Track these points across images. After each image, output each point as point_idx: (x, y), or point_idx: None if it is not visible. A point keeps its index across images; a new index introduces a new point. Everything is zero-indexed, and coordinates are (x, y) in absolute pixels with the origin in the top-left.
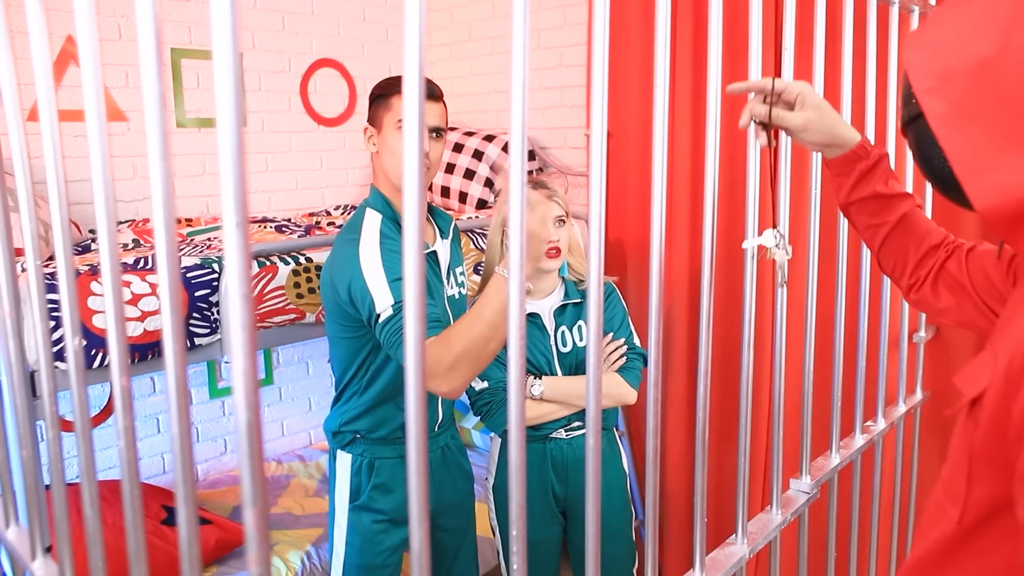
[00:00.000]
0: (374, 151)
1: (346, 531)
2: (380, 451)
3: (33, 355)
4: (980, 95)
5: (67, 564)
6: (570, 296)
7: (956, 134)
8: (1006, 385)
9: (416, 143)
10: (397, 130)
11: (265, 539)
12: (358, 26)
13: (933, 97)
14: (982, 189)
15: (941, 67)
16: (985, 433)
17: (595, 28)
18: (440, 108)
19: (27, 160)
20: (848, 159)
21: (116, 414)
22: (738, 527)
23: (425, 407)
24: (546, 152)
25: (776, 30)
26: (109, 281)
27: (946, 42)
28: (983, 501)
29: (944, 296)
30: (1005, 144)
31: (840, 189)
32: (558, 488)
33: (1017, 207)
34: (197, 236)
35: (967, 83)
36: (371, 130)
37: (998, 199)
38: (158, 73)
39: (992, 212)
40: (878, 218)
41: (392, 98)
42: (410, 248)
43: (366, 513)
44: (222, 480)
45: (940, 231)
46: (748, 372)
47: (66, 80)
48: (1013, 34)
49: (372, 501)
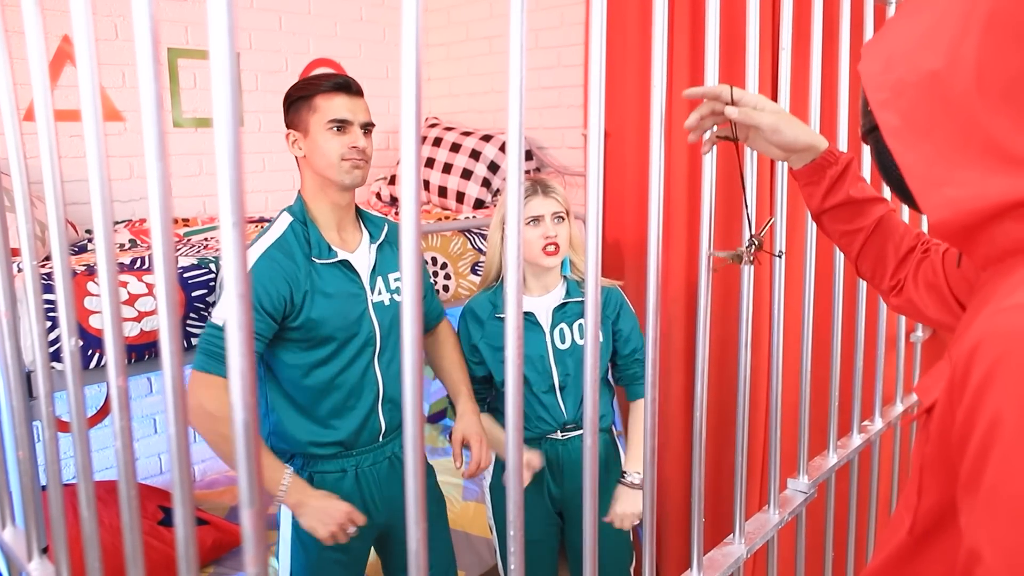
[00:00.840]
0: (300, 155)
1: (290, 544)
2: (319, 465)
3: (29, 355)
4: (931, 108)
5: (63, 565)
6: (572, 294)
7: (909, 149)
8: (951, 395)
9: (413, 143)
10: (327, 131)
11: (262, 539)
12: (355, 26)
13: (887, 110)
14: (935, 203)
15: (894, 79)
16: (934, 442)
17: (592, 28)
18: (365, 103)
19: (23, 160)
20: (818, 166)
21: (113, 414)
22: (736, 527)
23: (421, 408)
24: (543, 152)
25: (773, 29)
26: (106, 281)
27: (898, 53)
28: (931, 511)
29: (926, 296)
30: (955, 158)
31: (812, 198)
32: (554, 488)
33: (968, 219)
34: (194, 236)
35: (918, 96)
36: (295, 134)
37: (950, 212)
38: (155, 73)
39: (945, 225)
40: (854, 223)
41: (316, 98)
42: (408, 246)
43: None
44: (219, 480)
45: (913, 231)
46: (745, 372)
47: (62, 80)
48: (961, 46)
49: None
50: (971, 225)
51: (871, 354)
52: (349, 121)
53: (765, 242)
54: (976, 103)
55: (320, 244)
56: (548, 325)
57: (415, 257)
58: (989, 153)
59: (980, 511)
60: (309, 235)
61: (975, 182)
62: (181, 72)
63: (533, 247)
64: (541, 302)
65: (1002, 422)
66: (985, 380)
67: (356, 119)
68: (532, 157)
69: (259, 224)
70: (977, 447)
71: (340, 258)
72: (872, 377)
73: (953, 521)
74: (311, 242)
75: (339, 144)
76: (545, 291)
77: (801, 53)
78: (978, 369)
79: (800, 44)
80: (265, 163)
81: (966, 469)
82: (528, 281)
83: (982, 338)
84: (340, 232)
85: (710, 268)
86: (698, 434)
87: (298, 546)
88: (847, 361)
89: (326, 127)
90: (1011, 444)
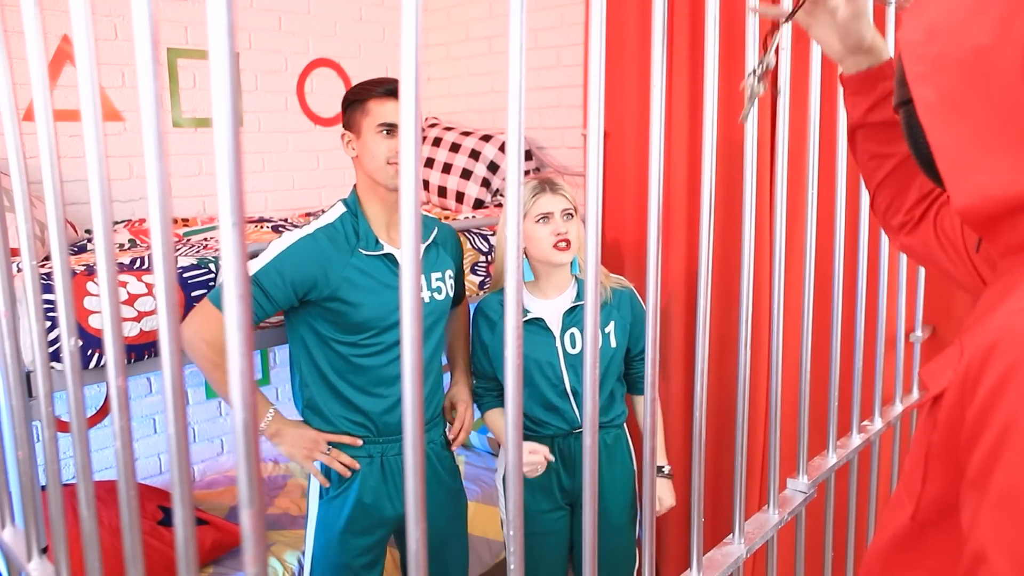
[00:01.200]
0: (354, 155)
1: (315, 527)
2: (349, 450)
3: (29, 355)
4: (972, 87)
5: (63, 565)
6: (582, 297)
7: (944, 128)
8: (962, 390)
9: (413, 143)
10: (377, 134)
11: (262, 540)
12: (355, 26)
13: (924, 85)
14: (963, 187)
15: (936, 52)
16: (941, 433)
17: (592, 28)
18: None
19: (23, 160)
20: (872, 75)
21: (112, 414)
22: (735, 527)
23: (422, 402)
24: (543, 152)
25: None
26: (105, 281)
27: (943, 24)
28: (935, 500)
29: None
30: (991, 142)
31: (855, 109)
32: (566, 481)
33: (994, 208)
34: (193, 236)
35: (960, 72)
36: (349, 135)
37: (977, 199)
38: (154, 73)
39: (970, 211)
40: (888, 147)
41: (369, 102)
42: (407, 246)
43: (334, 516)
44: (219, 481)
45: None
46: (745, 371)
47: (62, 80)
48: (1013, 22)
49: (340, 504)
50: (998, 214)
51: (871, 354)
52: (397, 125)
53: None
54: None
55: (368, 236)
56: (558, 330)
57: (414, 256)
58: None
59: (987, 513)
60: (359, 227)
61: (1008, 170)
62: (181, 72)
63: (544, 245)
64: (551, 306)
65: (1016, 426)
66: (1001, 382)
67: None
68: (532, 157)
69: (258, 224)
70: (988, 449)
71: (386, 251)
72: (872, 377)
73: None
74: (359, 234)
75: (387, 148)
76: (557, 292)
77: (801, 52)
78: (994, 370)
79: (800, 43)
80: (265, 163)
81: (974, 468)
82: (540, 282)
83: (1000, 337)
84: (389, 230)
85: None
86: (698, 433)
87: (322, 528)
88: (847, 361)
89: (376, 130)
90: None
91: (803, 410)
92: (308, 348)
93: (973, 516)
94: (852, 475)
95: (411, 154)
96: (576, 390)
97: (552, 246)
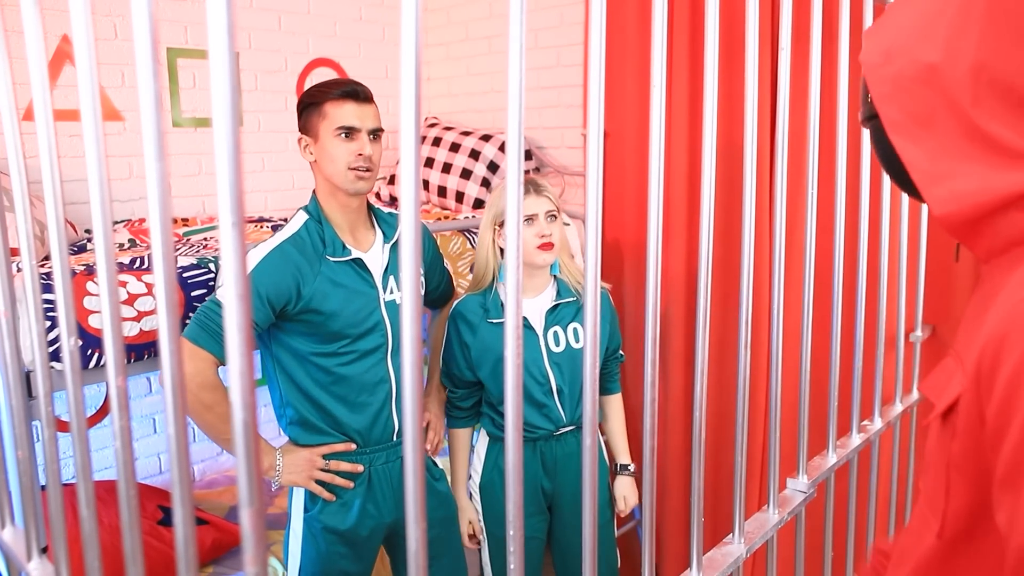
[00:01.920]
0: (312, 160)
1: (301, 538)
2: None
3: (29, 355)
4: (931, 102)
5: (63, 565)
6: (562, 295)
7: (912, 143)
8: (977, 390)
9: (412, 143)
10: (335, 137)
11: (262, 539)
12: (354, 26)
13: (888, 104)
14: (939, 197)
15: (894, 72)
16: (962, 440)
17: (592, 27)
18: (374, 109)
19: (23, 160)
20: None
21: (112, 414)
22: (735, 527)
23: (422, 408)
24: (543, 152)
25: (773, 29)
26: (105, 281)
27: (897, 44)
28: (962, 513)
29: None
30: (959, 152)
31: None
32: (546, 483)
33: (973, 212)
34: (193, 236)
35: (918, 90)
36: (306, 139)
37: (955, 206)
38: (154, 73)
39: (950, 218)
40: None
41: (325, 105)
42: (407, 246)
43: (320, 529)
44: (218, 480)
45: None
46: (745, 371)
47: (62, 79)
48: (960, 39)
49: (326, 517)
50: (977, 218)
51: (870, 354)
52: (357, 128)
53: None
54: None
55: (335, 242)
56: (541, 329)
57: (414, 257)
58: (991, 148)
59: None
60: (324, 233)
61: (980, 175)
62: (180, 72)
63: (528, 246)
64: (533, 305)
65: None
66: (1017, 372)
67: (364, 126)
68: (531, 157)
69: (258, 224)
70: (1016, 440)
71: (353, 256)
72: (871, 377)
73: (987, 520)
74: (325, 240)
75: (346, 151)
76: (536, 293)
77: (800, 53)
78: (1008, 361)
79: (799, 44)
80: (264, 163)
81: (1004, 464)
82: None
83: (1008, 329)
84: (353, 233)
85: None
86: (697, 434)
87: (309, 540)
88: (846, 360)
89: (334, 134)
90: None
91: (803, 410)
92: (285, 368)
93: (1012, 513)
94: (852, 475)
95: (411, 154)
96: (561, 388)
97: (536, 248)
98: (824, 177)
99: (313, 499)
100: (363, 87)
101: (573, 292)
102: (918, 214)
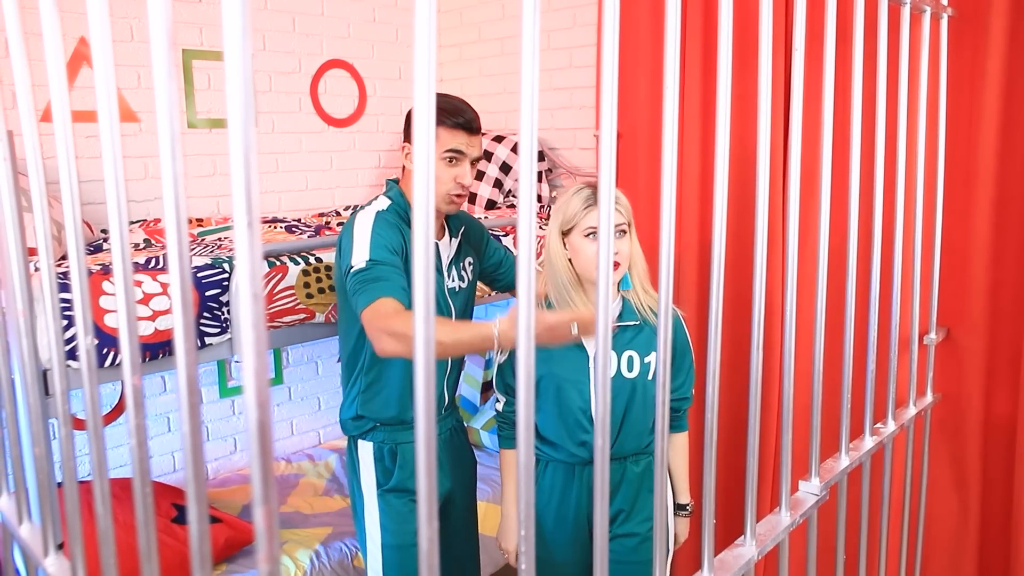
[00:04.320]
0: (410, 167)
1: (379, 516)
2: (401, 436)
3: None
4: None
5: (79, 561)
6: (625, 317)
7: None
8: None
9: (427, 145)
10: (440, 159)
11: (275, 537)
12: (368, 27)
13: None
14: None
15: None
16: None
17: (605, 29)
18: (480, 139)
19: (40, 160)
20: None
21: (127, 412)
22: (747, 528)
23: (434, 397)
24: (555, 153)
25: (786, 30)
26: (121, 281)
27: None
28: None
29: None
30: None
31: None
32: (588, 510)
33: None
34: (208, 236)
35: None
36: (409, 148)
37: None
38: (170, 74)
39: None
40: None
41: (439, 128)
42: (419, 242)
43: (397, 495)
44: (232, 479)
45: None
46: (757, 373)
47: (79, 81)
48: None
49: (403, 483)
50: None
51: (884, 356)
52: (463, 154)
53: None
54: None
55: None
56: (593, 350)
57: (426, 258)
58: None
59: None
60: (407, 218)
61: None
62: (196, 73)
63: (591, 262)
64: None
65: None
66: None
67: (469, 154)
68: (544, 158)
69: (272, 224)
70: None
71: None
72: (885, 379)
73: None
74: (408, 222)
75: (448, 176)
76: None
77: (814, 55)
78: None
79: (813, 45)
80: (278, 163)
81: None
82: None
83: None
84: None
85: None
86: (709, 435)
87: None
88: (860, 363)
89: (441, 155)
90: None
91: (815, 412)
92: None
93: None
94: (864, 478)
95: (426, 155)
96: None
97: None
98: (837, 178)
99: (385, 473)
100: (476, 117)
101: (637, 314)
102: (932, 215)
